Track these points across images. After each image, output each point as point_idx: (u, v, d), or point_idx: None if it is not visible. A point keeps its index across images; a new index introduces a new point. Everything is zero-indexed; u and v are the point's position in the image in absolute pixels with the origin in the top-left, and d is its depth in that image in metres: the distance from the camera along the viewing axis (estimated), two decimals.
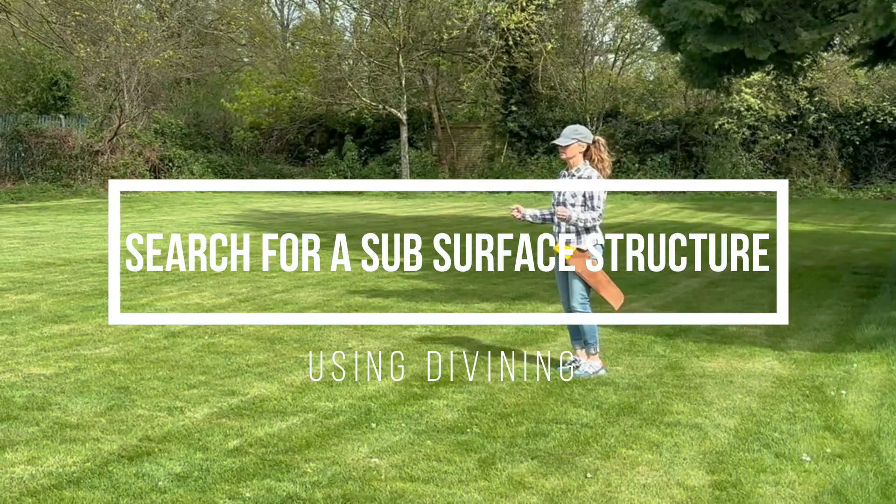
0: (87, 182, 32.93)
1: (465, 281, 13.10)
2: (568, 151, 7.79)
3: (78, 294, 11.66)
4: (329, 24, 43.88)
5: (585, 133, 7.83)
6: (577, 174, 7.77)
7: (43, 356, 8.31)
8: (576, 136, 7.79)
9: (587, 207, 7.68)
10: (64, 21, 31.57)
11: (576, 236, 7.76)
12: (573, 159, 7.80)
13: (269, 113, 39.87)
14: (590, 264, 7.75)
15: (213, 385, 7.37)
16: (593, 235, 7.76)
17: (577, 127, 7.93)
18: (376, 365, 8.08)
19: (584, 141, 7.79)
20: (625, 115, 35.88)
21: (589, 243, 7.74)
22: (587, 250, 7.74)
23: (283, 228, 20.74)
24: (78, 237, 18.54)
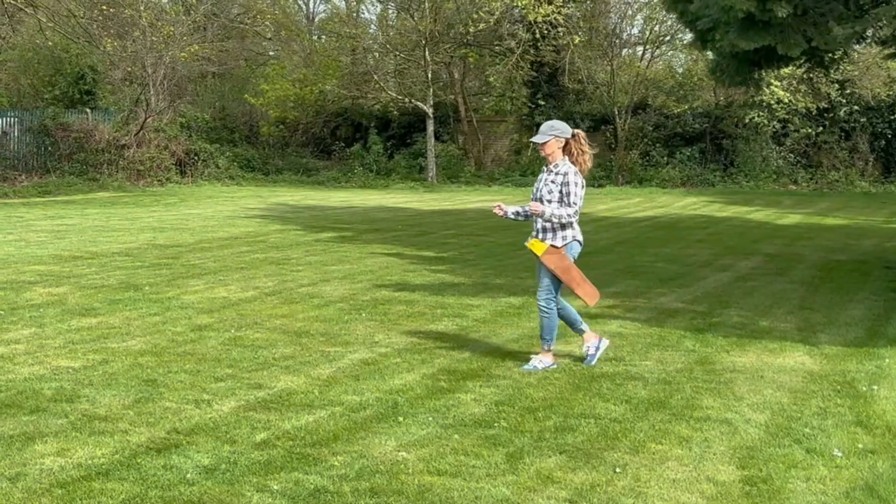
0: (113, 176, 33.09)
1: (492, 275, 13.10)
2: (546, 148, 7.76)
3: (105, 287, 11.75)
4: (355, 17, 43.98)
5: (563, 128, 7.79)
6: (555, 170, 7.75)
7: (71, 349, 8.38)
8: (552, 132, 7.75)
9: (564, 203, 7.66)
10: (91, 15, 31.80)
11: (551, 233, 7.76)
12: (552, 155, 7.77)
13: (294, 107, 39.96)
14: (562, 261, 7.72)
15: (240, 378, 7.41)
16: (569, 232, 7.77)
17: (554, 123, 7.90)
18: (403, 359, 8.10)
19: (563, 136, 7.76)
20: (654, 108, 35.75)
21: (561, 240, 7.74)
22: (561, 248, 7.74)
23: (308, 222, 20.80)
24: (104, 231, 18.67)
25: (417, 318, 9.96)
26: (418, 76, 38.12)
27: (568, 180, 7.63)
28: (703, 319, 9.92)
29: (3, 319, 9.66)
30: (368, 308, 10.52)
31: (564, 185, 7.63)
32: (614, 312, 10.32)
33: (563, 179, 7.64)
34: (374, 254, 15.35)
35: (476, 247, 16.54)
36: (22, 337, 8.85)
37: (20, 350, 8.29)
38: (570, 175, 7.64)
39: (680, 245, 16.78)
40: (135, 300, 10.85)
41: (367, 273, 13.21)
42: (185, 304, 10.66)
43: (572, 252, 7.85)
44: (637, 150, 35.29)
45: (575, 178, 7.65)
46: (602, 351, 7.98)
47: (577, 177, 7.66)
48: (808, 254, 15.68)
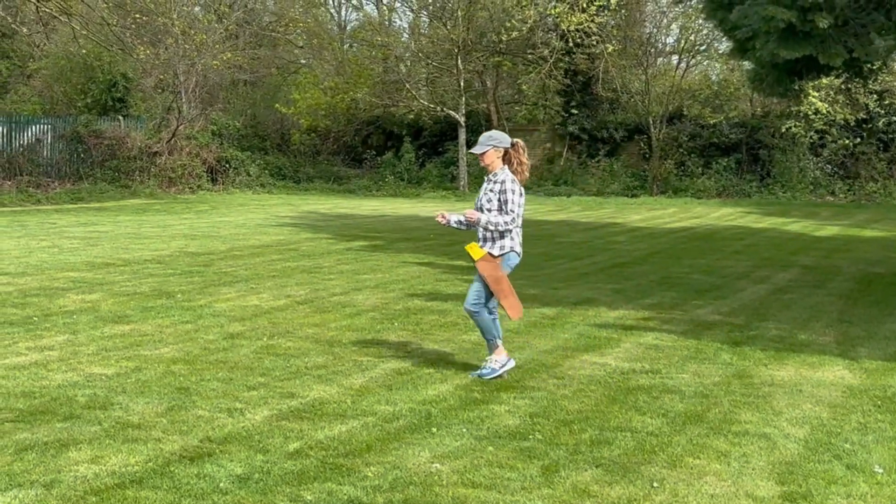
0: (145, 183, 33.35)
1: (524, 285, 13.06)
2: (485, 158, 7.86)
3: (138, 294, 11.83)
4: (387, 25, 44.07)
5: (501, 138, 7.88)
6: (494, 178, 7.83)
7: (104, 356, 8.43)
8: (490, 142, 7.85)
9: (503, 212, 7.71)
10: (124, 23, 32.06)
11: (491, 241, 7.80)
12: (492, 165, 7.86)
13: (325, 115, 40.10)
14: (495, 270, 7.73)
15: (273, 387, 7.43)
16: (507, 242, 7.79)
17: (492, 133, 7.98)
18: (436, 369, 8.09)
19: (501, 146, 7.85)
20: (689, 118, 35.60)
21: (499, 249, 7.77)
22: (498, 257, 7.77)
23: (340, 230, 20.86)
24: (137, 238, 18.81)
25: (450, 328, 9.95)
26: (450, 85, 38.17)
27: (506, 188, 7.71)
28: (740, 332, 9.86)
29: (36, 326, 9.75)
30: (401, 317, 10.52)
31: (502, 192, 7.72)
32: (650, 324, 10.27)
33: (501, 188, 7.74)
34: (406, 263, 15.37)
35: None
36: (56, 343, 8.92)
37: (54, 357, 8.36)
38: (508, 183, 7.73)
39: (716, 256, 16.69)
40: (167, 308, 10.92)
41: (400, 282, 13.22)
42: (217, 312, 10.71)
43: (510, 262, 7.87)
44: (672, 160, 35.16)
45: (513, 185, 7.73)
46: (500, 371, 7.79)
47: (514, 185, 7.75)
48: (845, 266, 15.55)
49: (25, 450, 5.83)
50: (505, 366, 7.85)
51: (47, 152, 33.52)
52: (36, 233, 19.63)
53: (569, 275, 14.20)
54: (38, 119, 34.44)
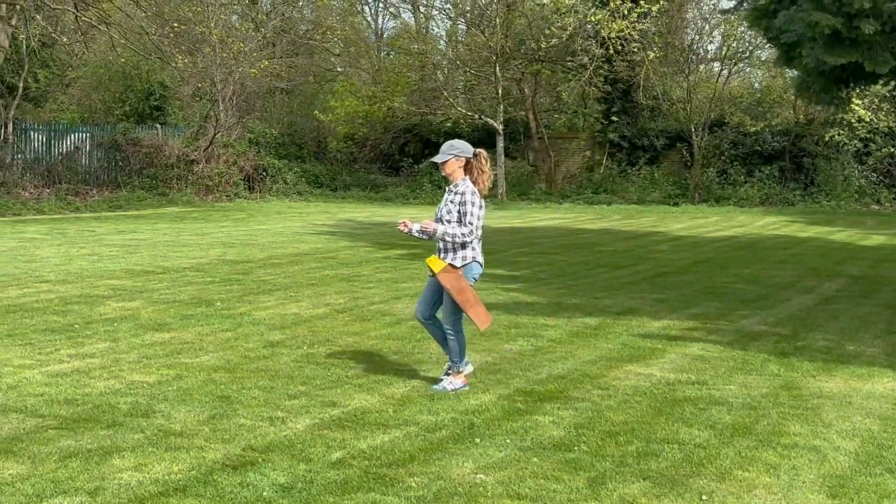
0: (182, 191, 33.63)
1: (566, 294, 13.04)
2: (446, 168, 7.77)
3: (177, 302, 11.91)
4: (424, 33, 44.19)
5: (463, 147, 7.79)
6: (455, 189, 7.75)
7: (145, 363, 8.49)
8: (452, 151, 7.76)
9: (462, 224, 7.64)
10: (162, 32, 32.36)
11: (451, 252, 7.73)
12: (453, 175, 7.77)
13: (362, 123, 40.26)
14: (458, 281, 7.65)
15: (314, 396, 7.44)
16: (469, 253, 7.72)
17: (454, 142, 7.89)
18: (477, 378, 8.07)
19: (463, 156, 7.76)
20: (731, 126, 35.38)
21: (461, 260, 7.70)
22: (460, 268, 7.70)
23: (377, 238, 20.90)
24: (175, 246, 18.95)
25: (491, 337, 9.93)
26: (488, 92, 38.18)
27: (465, 200, 7.64)
28: (787, 343, 9.76)
29: (78, 333, 9.84)
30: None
31: (462, 204, 7.64)
32: (695, 335, 10.20)
33: (461, 199, 7.66)
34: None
35: (549, 265, 16.47)
36: (97, 351, 9.00)
37: (95, 364, 8.43)
38: (468, 195, 7.65)
39: (761, 266, 16.56)
40: (207, 316, 10.98)
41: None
42: (257, 320, 10.75)
43: (472, 273, 7.80)
44: (714, 168, 34.96)
45: (472, 197, 7.65)
46: (450, 391, 7.67)
47: (474, 196, 7.67)
48: (893, 276, 15.37)
49: (69, 457, 5.87)
50: (457, 389, 7.69)
51: (86, 160, 33.91)
52: (75, 240, 19.84)
53: (610, 284, 14.14)
54: (77, 127, 34.87)
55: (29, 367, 8.31)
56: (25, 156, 32.45)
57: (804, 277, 15.02)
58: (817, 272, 15.71)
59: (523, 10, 36.29)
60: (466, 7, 40.09)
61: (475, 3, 40.57)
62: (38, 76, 36.95)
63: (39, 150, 33.07)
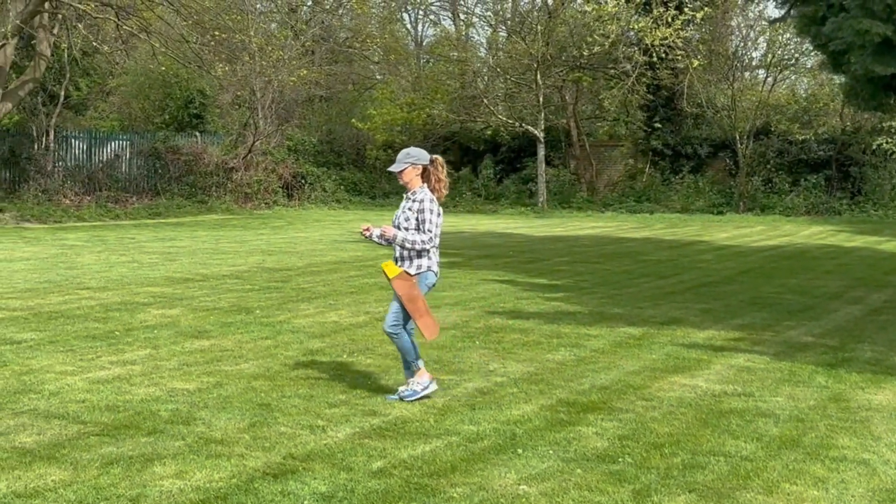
0: (221, 198, 33.90)
1: (609, 304, 12.99)
2: (403, 176, 7.77)
3: (217, 310, 11.99)
4: (464, 40, 44.28)
5: (419, 155, 7.79)
6: (413, 197, 7.74)
7: (185, 371, 8.56)
8: (408, 159, 7.76)
9: (420, 231, 7.64)
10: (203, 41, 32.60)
11: (408, 260, 7.73)
12: (410, 183, 7.77)
13: (401, 131, 40.35)
14: (411, 289, 7.64)
15: (354, 405, 7.46)
16: (424, 261, 7.72)
17: (410, 150, 7.88)
18: (519, 388, 8.06)
19: (419, 163, 7.75)
20: (776, 134, 35.13)
21: (415, 269, 7.69)
22: (414, 276, 7.68)
23: None
24: (214, 253, 19.09)
25: (533, 347, 9.92)
26: (529, 100, 38.15)
27: (423, 207, 7.64)
28: (834, 354, 9.66)
29: (118, 340, 9.93)
30: (482, 336, 10.51)
31: (420, 212, 7.65)
32: (741, 346, 10.12)
33: (419, 207, 7.66)
34: (486, 280, 15.36)
35: (591, 274, 16.42)
36: (138, 358, 9.08)
37: (136, 371, 8.50)
38: (426, 202, 7.65)
39: (807, 276, 16.41)
40: (246, 323, 11.05)
41: (479, 300, 13.22)
42: (297, 328, 10.80)
43: (427, 281, 7.80)
44: (759, 177, 34.72)
45: (431, 205, 7.65)
46: (421, 394, 7.63)
47: (433, 204, 7.67)
48: None
49: (111, 464, 5.92)
50: (427, 388, 7.68)
51: (126, 168, 34.29)
52: (115, 248, 20.04)
53: (654, 294, 14.07)
54: (117, 135, 35.27)
55: (71, 373, 8.40)
56: (66, 163, 32.86)
57: (851, 288, 14.87)
58: (865, 282, 15.55)
59: (565, 17, 36.26)
60: (507, 14, 40.18)
61: (516, 11, 40.70)
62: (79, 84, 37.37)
63: (80, 158, 33.47)
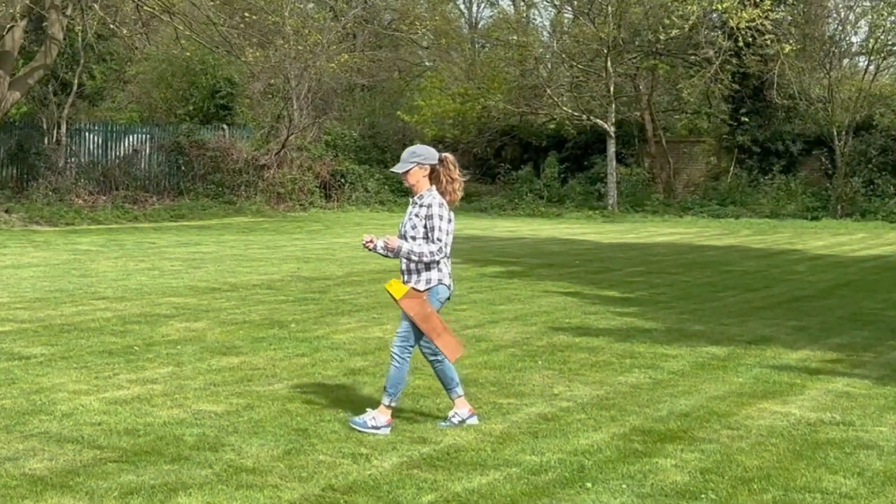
0: (251, 199, 34.13)
1: (689, 320, 12.93)
2: (409, 178, 7.65)
3: (247, 323, 12.08)
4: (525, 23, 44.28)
5: (427, 153, 7.66)
6: (420, 201, 7.62)
7: (212, 391, 8.62)
8: (414, 158, 7.63)
9: (429, 240, 7.52)
10: (231, 23, 32.86)
11: (415, 274, 7.63)
12: (417, 185, 7.65)
13: (453, 124, 40.40)
14: (422, 307, 7.54)
15: (401, 431, 7.47)
16: (434, 274, 7.63)
17: (416, 148, 7.79)
18: (588, 415, 8.03)
19: (427, 163, 7.62)
20: (880, 129, 34.72)
21: (425, 283, 7.60)
22: (424, 292, 7.59)
23: (471, 254, 20.96)
24: (244, 260, 19.24)
25: (603, 367, 9.89)
26: (598, 90, 38.06)
27: (432, 213, 7.53)
28: None
29: (138, 356, 10.04)
30: (545, 355, 10.50)
31: (429, 218, 7.54)
32: (839, 368, 10.02)
33: (427, 212, 7.55)
34: (549, 292, 15.35)
35: (669, 286, 16.35)
36: (159, 376, 9.17)
37: (158, 391, 8.59)
38: (435, 207, 7.54)
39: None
40: (280, 339, 11.12)
41: (542, 314, 13.21)
42: (336, 345, 10.85)
43: (439, 297, 7.72)
44: (859, 178, 34.31)
45: (440, 210, 7.54)
46: (370, 431, 7.46)
47: (443, 209, 7.56)
48: None
49: (131, 493, 5.98)
50: (378, 429, 7.41)
51: (145, 164, 34.64)
52: (134, 253, 20.27)
53: (740, 309, 13.97)
54: (136, 128, 35.65)
55: (85, 392, 8.50)
56: (79, 159, 33.27)
57: None
58: None
59: None
60: None
61: None
62: (93, 72, 37.77)
63: (95, 153, 33.87)
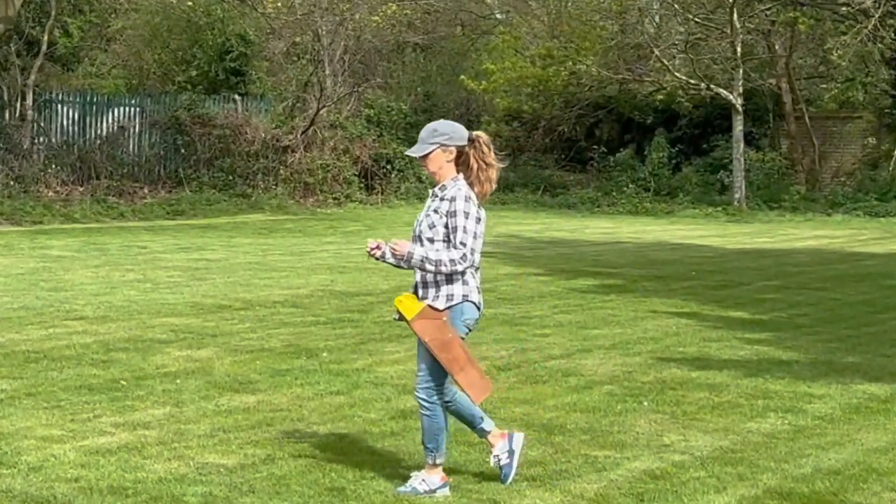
0: (270, 191, 34.15)
1: (839, 349, 12.84)
2: (429, 163, 7.49)
3: (265, 351, 12.12)
4: None
5: (453, 131, 7.52)
6: (441, 193, 7.45)
7: (221, 439, 8.64)
8: (436, 138, 7.45)
9: (451, 245, 7.32)
10: None
11: (433, 287, 7.42)
12: (440, 173, 7.48)
13: (533, 94, 40.30)
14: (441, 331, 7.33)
15: (466, 491, 7.49)
16: (458, 288, 7.40)
17: (438, 125, 7.61)
18: (708, 472, 8.00)
19: (453, 144, 7.46)
20: None
21: (445, 300, 7.39)
22: (443, 311, 7.38)
23: (555, 263, 20.90)
24: (261, 269, 19.29)
25: (728, 410, 9.85)
26: (721, 51, 37.87)
27: (455, 209, 7.32)
28: None
29: (126, 393, 10.08)
30: (652, 394, 10.47)
31: (451, 215, 7.33)
32: None
33: (449, 208, 7.35)
34: (656, 313, 15.28)
35: (812, 306, 16.25)
36: (153, 419, 9.21)
37: (152, 438, 8.62)
38: (460, 202, 7.33)
39: None
40: (308, 371, 11.14)
41: (648, 341, 13.17)
42: (381, 380, 10.87)
43: (464, 317, 7.48)
44: None
45: (466, 205, 7.33)
46: (519, 454, 7.58)
47: (469, 204, 7.35)
48: None
49: None
50: (434, 491, 7.45)
51: (134, 146, 34.73)
52: (120, 260, 20.38)
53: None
54: (122, 99, 35.65)
55: (58, 439, 8.54)
56: (49, 139, 33.33)
57: None
58: None
59: None
60: None
61: None
62: (68, 27, 38.07)
63: (69, 131, 33.96)
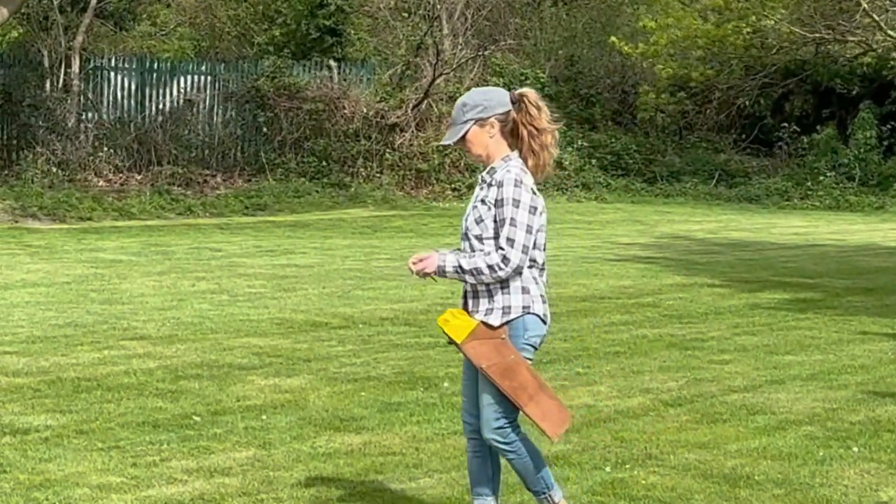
0: (373, 180, 34.33)
1: None
2: (471, 146, 7.24)
3: (372, 380, 12.16)
4: None
5: (486, 99, 7.24)
6: (490, 179, 7.17)
7: (319, 490, 8.67)
8: (468, 114, 7.18)
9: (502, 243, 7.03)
10: None
11: (485, 298, 7.17)
12: (488, 153, 7.23)
13: (704, 58, 40.14)
14: (500, 353, 7.11)
15: None
16: (517, 298, 7.18)
17: (467, 97, 7.34)
18: None
19: (491, 114, 7.17)
20: None
21: (501, 315, 7.15)
22: (499, 328, 7.14)
23: (734, 271, 20.81)
24: (363, 278, 19.37)
25: None
26: None
27: (504, 196, 7.04)
28: None
29: (199, 432, 10.15)
30: (863, 437, 10.39)
31: (499, 205, 7.05)
32: None
33: (497, 195, 7.07)
34: (867, 334, 15.15)
35: None
36: (234, 464, 9.26)
37: (233, 488, 8.66)
38: (508, 187, 7.03)
39: None
40: (426, 406, 11.17)
41: (857, 370, 13.09)
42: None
43: (528, 334, 7.29)
44: None
45: (516, 191, 7.03)
46: None
47: (520, 190, 7.05)
48: None
49: None
50: None
51: (204, 125, 35.05)
52: (188, 266, 20.55)
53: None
54: (189, 66, 36.02)
55: (118, 488, 8.61)
56: (100, 115, 33.76)
57: None
58: None
59: None
60: None
61: None
62: None
63: (124, 106, 34.39)
